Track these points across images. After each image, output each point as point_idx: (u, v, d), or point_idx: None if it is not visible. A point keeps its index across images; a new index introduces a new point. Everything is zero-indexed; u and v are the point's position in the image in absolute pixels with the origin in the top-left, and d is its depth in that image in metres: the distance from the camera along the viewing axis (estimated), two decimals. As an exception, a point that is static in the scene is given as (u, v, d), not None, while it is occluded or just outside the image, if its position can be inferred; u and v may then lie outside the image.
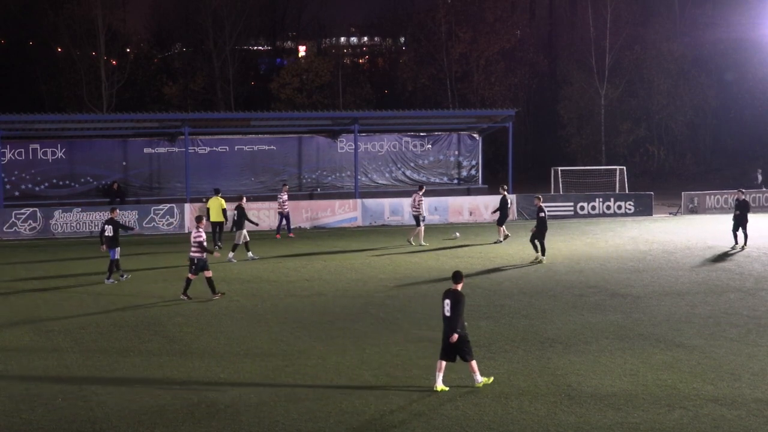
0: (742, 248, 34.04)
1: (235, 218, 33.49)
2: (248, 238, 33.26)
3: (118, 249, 28.59)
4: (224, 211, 36.51)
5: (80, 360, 18.61)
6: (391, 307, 23.83)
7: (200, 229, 25.17)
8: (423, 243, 36.43)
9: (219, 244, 35.89)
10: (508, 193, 39.29)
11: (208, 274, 25.17)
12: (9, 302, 25.34)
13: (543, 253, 31.65)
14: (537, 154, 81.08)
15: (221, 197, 36.92)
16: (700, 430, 14.11)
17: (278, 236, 39.79)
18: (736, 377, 16.87)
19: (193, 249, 25.18)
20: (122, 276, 28.79)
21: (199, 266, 25.10)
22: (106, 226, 28.56)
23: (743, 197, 35.44)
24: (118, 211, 30.72)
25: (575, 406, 15.21)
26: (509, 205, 39.45)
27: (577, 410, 15.02)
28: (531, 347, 19.23)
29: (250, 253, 33.08)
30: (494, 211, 39.65)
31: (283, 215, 39.91)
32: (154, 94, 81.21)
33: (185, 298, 25.08)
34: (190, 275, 25.25)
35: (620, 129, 75.23)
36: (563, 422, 14.47)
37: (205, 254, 25.02)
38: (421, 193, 37.29)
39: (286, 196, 39.94)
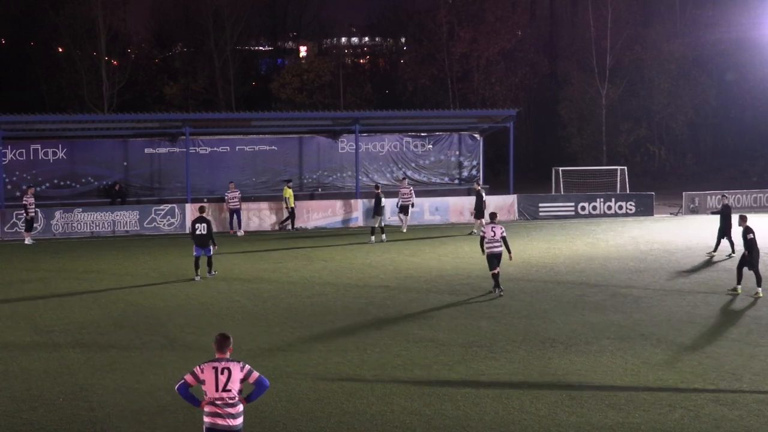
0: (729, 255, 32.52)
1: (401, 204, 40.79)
2: (383, 225, 38.40)
3: (211, 247, 28.28)
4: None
5: (81, 360, 18.61)
6: (392, 308, 23.82)
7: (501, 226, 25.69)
8: None
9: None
10: (483, 189, 41.95)
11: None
12: (10, 302, 25.31)
13: (759, 284, 25.26)
14: (538, 154, 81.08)
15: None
16: (701, 430, 14.10)
17: (404, 230, 41.49)
18: (738, 377, 16.86)
19: (496, 245, 25.29)
20: (196, 277, 28.48)
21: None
22: (197, 225, 28.10)
23: (726, 201, 34.52)
24: (203, 212, 29.42)
25: (576, 406, 15.20)
26: (483, 200, 40.54)
27: (578, 410, 15.02)
28: (532, 347, 19.22)
29: (384, 236, 37.87)
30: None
31: (405, 207, 41.90)
32: (155, 95, 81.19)
33: (498, 292, 25.33)
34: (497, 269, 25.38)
35: (621, 129, 75.22)
36: (564, 422, 14.47)
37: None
38: None
39: (406, 190, 42.07)
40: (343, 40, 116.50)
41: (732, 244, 32.60)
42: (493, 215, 26.81)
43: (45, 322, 22.47)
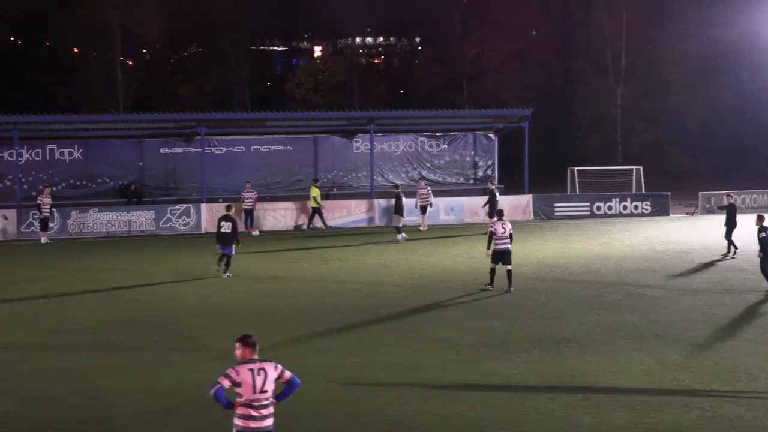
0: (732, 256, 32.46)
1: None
2: (402, 224, 38.40)
3: (233, 246, 28.38)
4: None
5: (93, 360, 18.60)
6: (406, 308, 23.75)
7: None
8: None
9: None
10: (497, 189, 42.77)
11: None
12: (24, 301, 25.41)
13: None
14: (551, 154, 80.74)
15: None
16: (717, 431, 14.02)
17: (422, 228, 42.00)
18: (753, 378, 16.76)
19: (504, 242, 25.62)
20: (217, 270, 28.70)
21: None
22: (222, 222, 28.28)
23: (732, 201, 34.43)
24: (234, 209, 30.13)
25: (591, 407, 15.12)
26: (497, 199, 40.61)
27: (592, 410, 14.93)
28: (546, 347, 19.14)
29: (402, 235, 37.73)
30: (484, 205, 41.64)
31: (424, 207, 42.51)
32: (169, 95, 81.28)
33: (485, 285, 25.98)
34: None
35: (636, 129, 74.93)
36: (579, 422, 14.39)
37: None
38: None
39: (424, 190, 42.62)
40: (358, 40, 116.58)
41: (732, 243, 32.46)
42: (500, 212, 27.04)
43: (58, 321, 22.50)
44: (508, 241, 25.58)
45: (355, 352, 18.99)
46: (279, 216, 43.55)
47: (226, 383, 10.87)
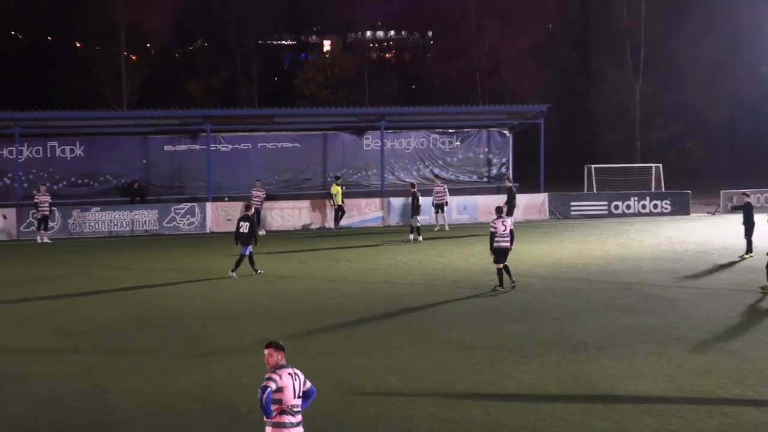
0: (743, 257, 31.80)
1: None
2: (419, 224, 37.77)
3: (250, 246, 28.45)
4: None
5: (102, 362, 18.38)
6: (418, 310, 23.43)
7: None
8: None
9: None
10: (514, 186, 42.05)
11: None
12: (29, 303, 25.13)
13: None
14: (568, 151, 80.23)
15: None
16: (741, 438, 13.62)
17: (442, 228, 41.53)
18: (778, 383, 16.33)
19: (506, 239, 25.58)
20: (257, 272, 28.68)
21: None
22: (241, 223, 28.45)
23: (748, 199, 33.42)
24: (254, 209, 30.38)
25: (610, 412, 14.74)
26: (515, 197, 40.40)
27: (612, 416, 14.55)
28: (563, 351, 18.73)
29: (411, 236, 37.26)
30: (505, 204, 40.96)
31: (440, 206, 41.84)
32: (175, 91, 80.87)
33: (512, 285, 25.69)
34: None
35: (655, 124, 74.29)
36: (598, 428, 14.03)
37: None
38: None
39: (440, 188, 41.84)
40: (368, 34, 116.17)
41: (749, 244, 31.84)
42: (499, 209, 26.79)
43: (65, 323, 22.28)
44: (509, 238, 25.44)
45: (365, 355, 18.66)
46: (287, 215, 43.09)
47: (273, 386, 10.57)
